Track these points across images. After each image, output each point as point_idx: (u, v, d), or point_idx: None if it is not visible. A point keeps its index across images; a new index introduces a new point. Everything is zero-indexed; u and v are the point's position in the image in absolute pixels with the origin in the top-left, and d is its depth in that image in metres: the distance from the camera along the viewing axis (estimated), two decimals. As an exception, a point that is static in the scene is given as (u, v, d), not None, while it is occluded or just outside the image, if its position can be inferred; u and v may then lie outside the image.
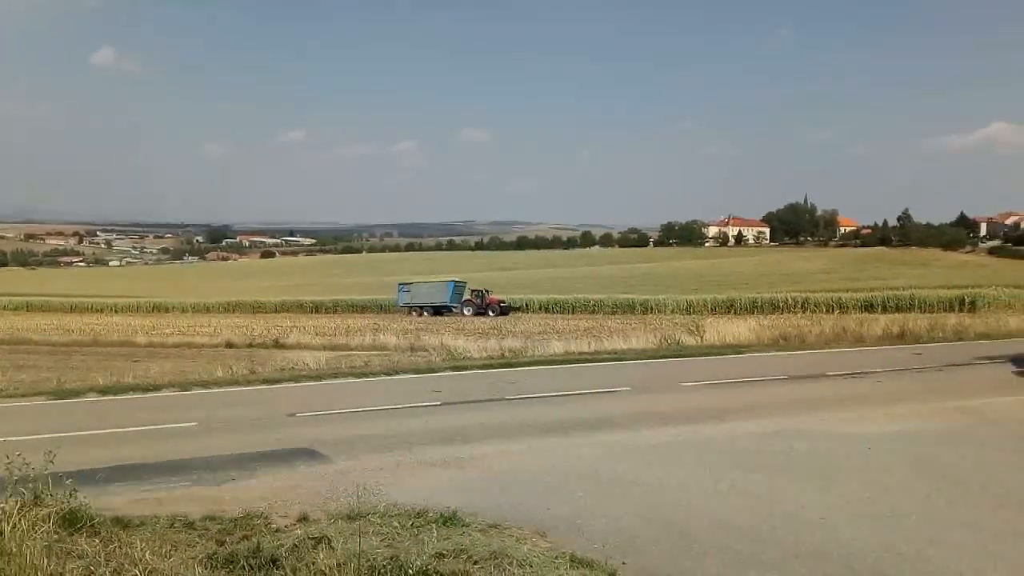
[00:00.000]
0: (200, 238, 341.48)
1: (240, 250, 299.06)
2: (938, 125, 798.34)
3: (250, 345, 37.81)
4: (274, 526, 7.25)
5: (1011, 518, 7.44)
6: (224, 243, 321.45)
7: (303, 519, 7.45)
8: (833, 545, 6.70)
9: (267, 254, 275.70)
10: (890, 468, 9.48)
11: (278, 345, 37.13)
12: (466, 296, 62.62)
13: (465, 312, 59.95)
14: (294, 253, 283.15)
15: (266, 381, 18.12)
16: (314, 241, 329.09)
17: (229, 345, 38.47)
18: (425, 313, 60.82)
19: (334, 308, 74.01)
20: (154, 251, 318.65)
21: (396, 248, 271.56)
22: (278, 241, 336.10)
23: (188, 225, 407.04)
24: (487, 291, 62.83)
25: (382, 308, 68.79)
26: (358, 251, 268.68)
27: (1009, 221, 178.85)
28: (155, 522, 7.27)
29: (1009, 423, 12.20)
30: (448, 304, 61.90)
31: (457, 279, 67.42)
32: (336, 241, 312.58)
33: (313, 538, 6.36)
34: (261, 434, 12.06)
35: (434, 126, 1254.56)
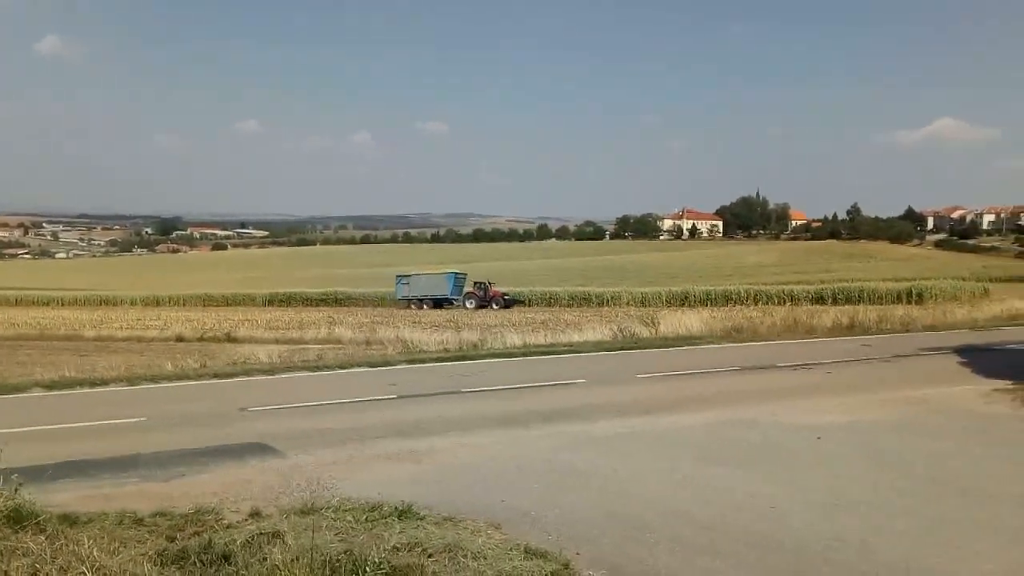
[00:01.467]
0: (150, 230, 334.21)
1: (191, 242, 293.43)
2: (887, 121, 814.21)
3: (201, 339, 37.29)
4: (226, 522, 7.16)
5: (955, 505, 7.63)
6: (174, 235, 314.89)
7: (255, 514, 7.37)
8: (783, 533, 6.82)
9: (219, 246, 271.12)
10: (839, 458, 9.66)
11: (230, 339, 36.63)
12: (468, 288, 60.33)
13: (467, 305, 57.39)
14: (246, 245, 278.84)
15: (217, 375, 17.86)
16: (267, 233, 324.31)
17: (179, 339, 37.91)
18: (425, 306, 58.65)
19: (287, 301, 73.23)
20: (102, 243, 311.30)
21: (351, 240, 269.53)
22: (230, 233, 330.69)
23: (137, 217, 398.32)
24: (490, 283, 60.74)
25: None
26: (312, 243, 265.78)
27: (955, 215, 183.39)
28: (103, 519, 7.14)
29: (954, 413, 12.49)
30: (449, 296, 59.82)
31: (457, 270, 64.86)
32: (290, 233, 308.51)
33: (266, 533, 6.28)
34: (212, 429, 11.89)
35: (391, 118, 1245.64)
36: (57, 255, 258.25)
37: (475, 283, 60.69)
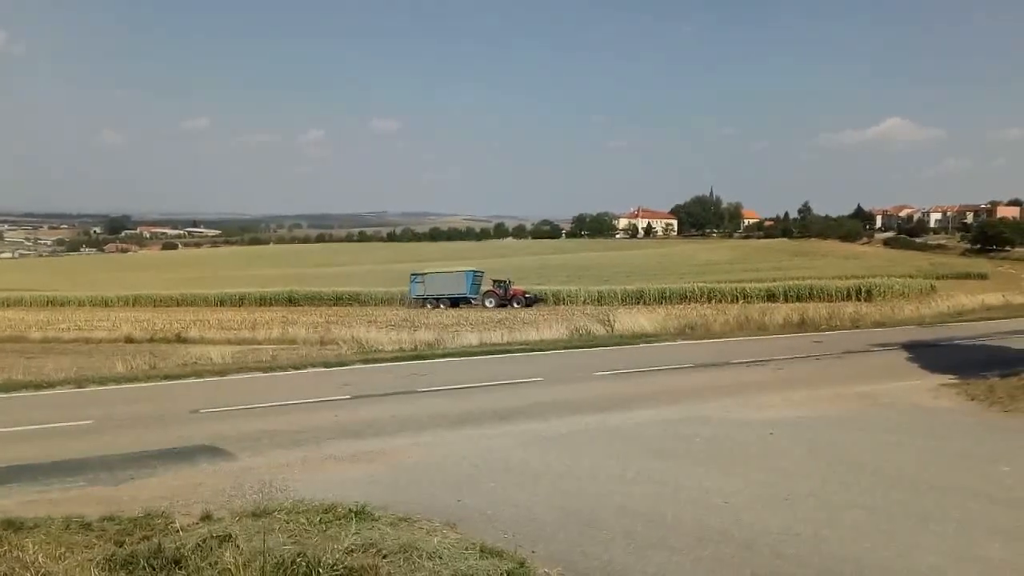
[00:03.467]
0: (98, 229, 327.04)
1: (141, 241, 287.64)
2: (836, 121, 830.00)
3: (151, 340, 36.78)
4: (176, 525, 7.03)
5: (902, 499, 7.79)
6: (123, 234, 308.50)
7: (206, 517, 7.25)
8: (735, 528, 6.90)
9: (169, 246, 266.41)
10: (790, 452, 9.81)
11: (180, 339, 36.20)
12: (487, 287, 58.94)
13: (487, 304, 56.11)
14: (197, 245, 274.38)
15: (167, 377, 17.58)
16: (219, 232, 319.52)
17: (129, 340, 37.35)
18: (441, 306, 57.29)
19: (240, 301, 72.30)
20: (49, 242, 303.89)
21: (305, 239, 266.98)
22: (181, 232, 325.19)
23: (85, 216, 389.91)
24: (510, 281, 59.66)
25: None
26: (265, 242, 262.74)
27: (903, 213, 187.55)
28: (49, 524, 6.99)
29: (901, 407, 12.76)
30: (467, 295, 58.47)
31: (475, 269, 63.41)
32: (242, 232, 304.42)
33: (217, 536, 6.18)
34: (162, 431, 11.69)
35: (342, 115, 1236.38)
36: (2, 255, 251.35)
37: (494, 281, 59.35)
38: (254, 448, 10.51)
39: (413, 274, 63.40)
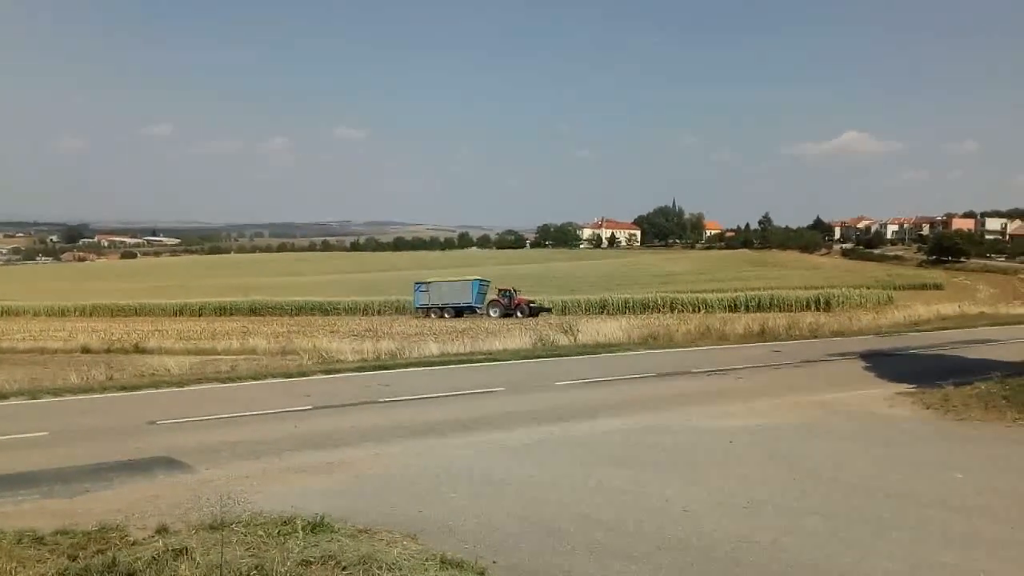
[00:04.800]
0: (55, 237, 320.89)
1: (99, 250, 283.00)
2: (796, 134, 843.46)
3: (108, 350, 36.12)
4: (131, 539, 6.91)
5: (860, 504, 7.91)
6: (81, 243, 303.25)
7: (163, 530, 7.12)
8: (695, 536, 6.95)
9: (128, 254, 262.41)
10: (750, 460, 9.91)
11: (138, 350, 35.59)
12: (492, 296, 57.96)
13: (491, 313, 55.11)
14: (157, 254, 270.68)
15: (124, 388, 17.24)
16: (179, 241, 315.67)
17: (85, 350, 36.66)
18: (446, 315, 56.13)
19: (200, 311, 71.43)
20: (4, 251, 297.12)
21: (267, 248, 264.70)
22: (140, 241, 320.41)
23: (42, 224, 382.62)
24: (515, 290, 58.32)
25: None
26: (226, 251, 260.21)
27: (861, 225, 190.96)
28: (1, 538, 6.81)
29: (859, 415, 12.96)
30: (472, 304, 57.32)
31: (481, 277, 62.39)
32: (203, 241, 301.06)
33: (173, 550, 6.08)
34: (118, 443, 11.46)
35: (306, 123, 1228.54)
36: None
37: (499, 290, 58.33)
38: (212, 460, 10.35)
39: (417, 283, 62.30)
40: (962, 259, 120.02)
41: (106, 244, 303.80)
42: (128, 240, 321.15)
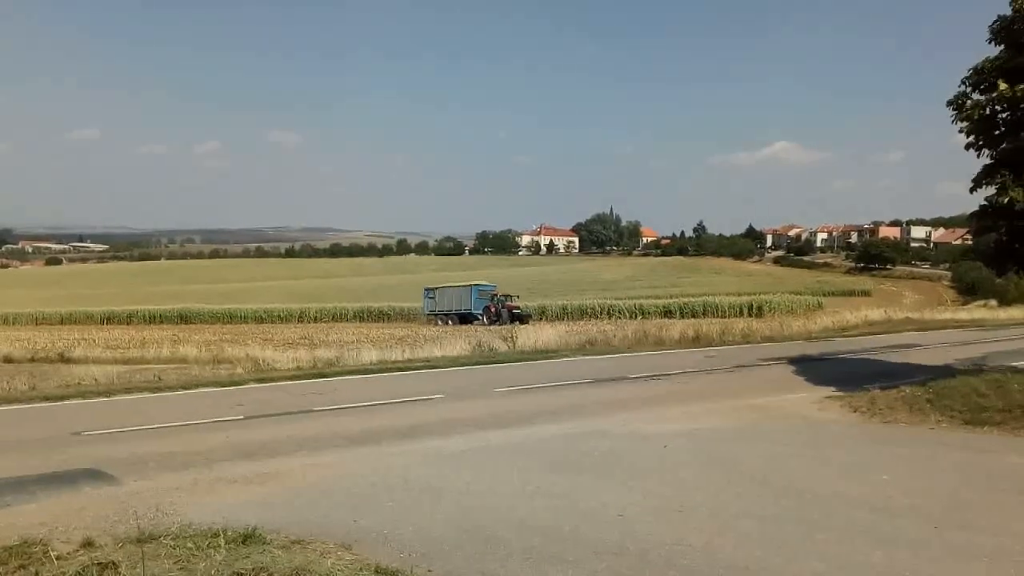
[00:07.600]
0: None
1: (23, 257, 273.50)
2: (729, 144, 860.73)
3: (32, 360, 34.96)
4: (55, 553, 6.64)
5: (791, 506, 8.04)
6: (4, 249, 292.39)
7: (88, 544, 6.87)
8: (630, 540, 6.98)
9: (53, 261, 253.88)
10: (684, 465, 10.01)
11: (63, 359, 34.50)
12: (486, 303, 56.59)
13: (484, 320, 54.14)
14: (84, 260, 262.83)
15: (48, 398, 16.67)
16: (107, 247, 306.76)
17: (7, 360, 35.39)
18: (451, 322, 54.65)
19: (128, 319, 69.59)
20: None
21: (199, 255, 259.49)
22: (66, 247, 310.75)
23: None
24: (509, 297, 57.42)
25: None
26: (156, 258, 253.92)
27: (792, 233, 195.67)
28: (-88, 556, 6.49)
29: (790, 419, 13.21)
30: (472, 311, 55.88)
31: (480, 283, 60.97)
32: (132, 247, 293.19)
33: (99, 564, 5.88)
34: (42, 455, 11.05)
35: (238, 126, 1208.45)
36: None
37: (492, 296, 57.20)
38: (141, 471, 10.05)
39: (426, 288, 61.19)
40: (889, 266, 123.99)
41: (31, 250, 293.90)
42: (54, 246, 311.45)
